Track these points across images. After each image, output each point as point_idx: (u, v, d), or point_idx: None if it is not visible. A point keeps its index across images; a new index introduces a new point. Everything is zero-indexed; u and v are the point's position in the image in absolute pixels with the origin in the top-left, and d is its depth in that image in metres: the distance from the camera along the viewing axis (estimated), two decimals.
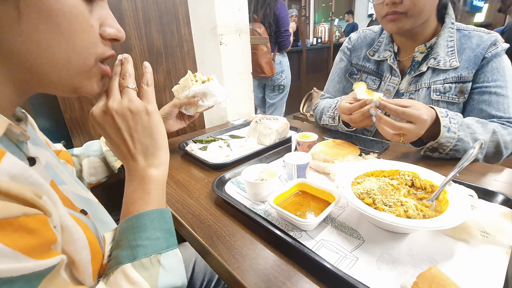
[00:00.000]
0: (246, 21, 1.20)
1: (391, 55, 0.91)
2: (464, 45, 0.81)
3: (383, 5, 0.78)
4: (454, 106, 0.82)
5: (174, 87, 0.84)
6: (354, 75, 1.03)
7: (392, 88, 0.92)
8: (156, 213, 0.39)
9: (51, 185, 0.40)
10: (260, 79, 2.46)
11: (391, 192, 0.49)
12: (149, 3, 0.93)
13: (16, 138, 0.34)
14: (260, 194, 0.59)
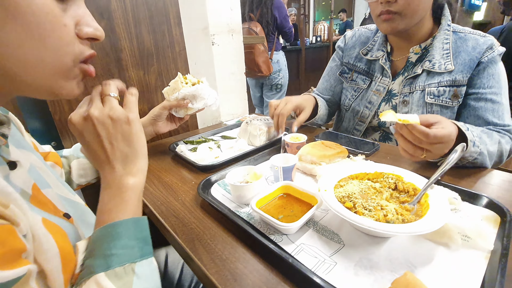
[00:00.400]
0: (238, 20, 1.19)
1: (384, 55, 0.91)
2: (459, 48, 0.80)
3: (378, 4, 0.77)
4: (448, 110, 0.82)
5: (165, 89, 0.84)
6: (345, 74, 1.03)
7: (382, 88, 0.91)
8: (132, 222, 0.39)
9: (33, 188, 0.40)
10: (258, 78, 2.46)
11: (373, 196, 0.49)
12: (139, 3, 0.93)
13: None
14: (244, 196, 0.58)
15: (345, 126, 1.04)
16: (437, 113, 0.83)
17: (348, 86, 1.02)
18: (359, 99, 0.97)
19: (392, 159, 0.77)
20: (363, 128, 0.97)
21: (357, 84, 0.98)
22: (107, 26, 0.88)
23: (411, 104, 0.86)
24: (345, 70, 1.03)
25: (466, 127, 0.64)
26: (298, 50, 4.26)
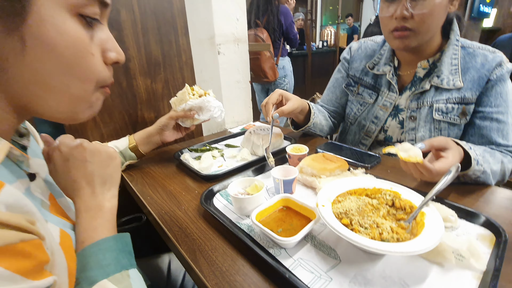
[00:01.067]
0: (244, 30, 1.22)
1: (391, 70, 0.89)
2: (468, 64, 0.79)
3: (391, 19, 0.76)
4: (455, 127, 0.82)
5: (172, 99, 0.87)
6: (351, 86, 1.02)
7: (389, 103, 0.91)
8: (119, 237, 0.43)
9: (49, 199, 0.43)
10: (264, 83, 2.49)
11: (369, 213, 0.50)
12: (147, 14, 0.96)
13: (17, 159, 0.36)
14: (245, 208, 0.60)
15: (351, 139, 1.04)
16: (445, 130, 0.82)
17: (353, 99, 1.01)
18: (365, 113, 0.97)
19: (392, 173, 0.78)
20: (369, 142, 0.97)
21: (363, 99, 0.97)
22: (116, 37, 0.92)
23: (418, 120, 0.85)
24: (350, 83, 1.02)
25: (469, 146, 0.64)
26: (304, 55, 4.27)
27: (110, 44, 0.38)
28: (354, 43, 1.06)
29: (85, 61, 0.35)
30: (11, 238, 0.26)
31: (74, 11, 0.32)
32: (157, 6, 0.96)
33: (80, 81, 0.35)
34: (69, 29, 0.32)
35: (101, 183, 0.47)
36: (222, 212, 0.63)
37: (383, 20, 0.80)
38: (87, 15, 0.34)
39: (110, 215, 0.46)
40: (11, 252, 0.25)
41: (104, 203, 0.46)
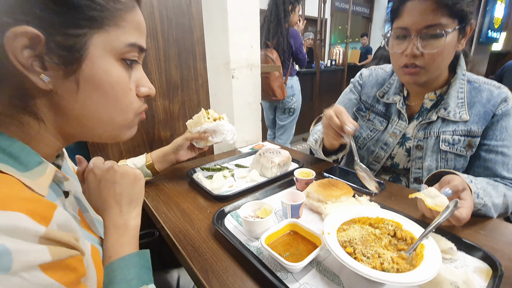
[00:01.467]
0: (257, 56, 1.29)
1: (401, 99, 0.93)
2: (474, 98, 0.82)
3: (402, 55, 0.78)
4: (461, 158, 0.84)
5: (188, 121, 0.93)
6: (362, 111, 1.04)
7: (398, 131, 0.93)
8: (142, 254, 0.48)
9: (79, 214, 0.48)
10: (272, 101, 2.56)
11: (372, 243, 0.54)
12: (170, 42, 1.05)
13: (58, 180, 0.42)
14: (254, 231, 0.64)
15: None
16: (451, 160, 0.85)
17: (363, 124, 1.03)
18: (375, 139, 0.99)
19: (396, 200, 0.81)
20: (378, 168, 1.00)
21: (373, 125, 1.00)
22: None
23: (425, 150, 0.88)
24: (362, 108, 1.04)
25: (470, 179, 0.67)
26: (313, 73, 4.37)
27: (143, 81, 0.45)
28: (365, 69, 1.08)
29: (125, 96, 0.41)
30: (62, 254, 0.31)
31: (119, 57, 0.39)
32: (179, 35, 1.05)
33: (122, 112, 0.42)
34: (114, 71, 0.39)
35: (128, 203, 0.52)
36: (233, 233, 0.67)
37: (393, 56, 0.83)
38: (128, 59, 0.40)
39: (134, 232, 0.51)
40: (61, 266, 0.30)
41: (130, 221, 0.51)
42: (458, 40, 0.76)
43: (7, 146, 0.34)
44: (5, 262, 0.26)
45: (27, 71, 0.32)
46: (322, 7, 4.20)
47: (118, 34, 0.37)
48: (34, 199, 0.31)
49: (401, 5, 0.76)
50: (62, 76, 0.35)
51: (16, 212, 0.28)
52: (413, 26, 0.74)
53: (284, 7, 2.21)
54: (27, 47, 0.31)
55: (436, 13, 0.70)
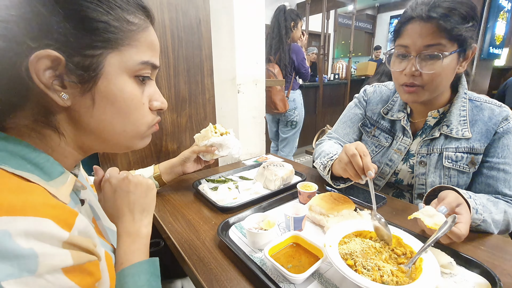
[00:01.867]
0: (262, 72, 1.34)
1: (405, 116, 0.94)
2: (476, 116, 0.84)
3: (402, 74, 0.81)
4: (464, 175, 0.85)
5: (196, 135, 0.97)
6: (367, 127, 1.05)
7: (403, 148, 0.94)
8: (152, 262, 0.50)
9: (93, 221, 0.51)
10: (274, 114, 2.60)
11: (372, 256, 0.55)
12: (180, 59, 1.10)
13: (77, 188, 0.45)
14: (258, 242, 0.66)
15: None
16: (454, 177, 0.86)
17: (368, 140, 1.04)
18: (380, 155, 1.00)
19: (397, 215, 0.82)
20: (383, 183, 1.01)
21: (379, 141, 1.01)
22: None
23: (428, 166, 0.89)
24: (367, 124, 1.06)
25: (468, 195, 0.69)
26: (316, 86, 4.44)
27: (156, 96, 0.48)
28: (368, 86, 1.10)
29: (138, 111, 0.44)
30: (82, 259, 0.33)
31: (132, 74, 0.42)
32: (188, 52, 1.10)
33: (135, 126, 0.45)
34: (128, 88, 0.42)
35: (140, 211, 0.55)
36: (237, 244, 0.68)
37: (394, 74, 0.85)
38: (141, 75, 0.43)
39: (145, 240, 0.54)
40: (81, 270, 0.33)
41: (142, 229, 0.54)
42: (458, 63, 0.78)
43: (34, 157, 0.37)
44: (32, 265, 0.28)
45: (49, 90, 0.35)
46: (325, 23, 4.32)
47: (132, 53, 0.40)
48: (59, 206, 0.33)
49: (403, 26, 0.80)
50: (79, 93, 0.38)
51: (45, 218, 0.30)
52: (413, 46, 0.77)
53: (286, 24, 2.30)
54: (49, 68, 0.35)
55: (435, 35, 0.73)
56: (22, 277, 0.27)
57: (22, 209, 0.29)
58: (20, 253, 0.27)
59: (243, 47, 1.20)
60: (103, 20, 0.37)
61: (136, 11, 0.41)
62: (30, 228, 0.29)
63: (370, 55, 8.07)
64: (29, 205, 0.30)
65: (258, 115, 1.37)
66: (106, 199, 0.54)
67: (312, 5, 4.28)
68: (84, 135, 0.42)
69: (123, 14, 0.39)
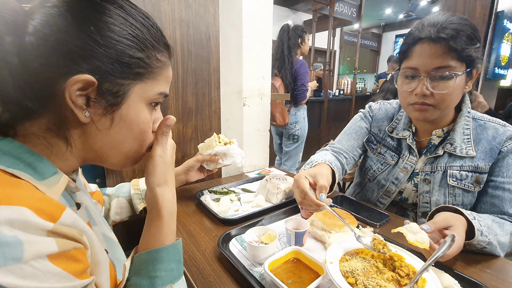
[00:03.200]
0: (268, 86, 1.37)
1: (410, 135, 0.93)
2: (480, 135, 0.84)
3: (411, 94, 0.80)
4: (469, 194, 0.84)
5: (200, 144, 0.98)
6: (373, 144, 1.04)
7: (409, 167, 0.93)
8: (172, 247, 0.48)
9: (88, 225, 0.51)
10: (276, 126, 2.60)
11: (374, 275, 0.55)
12: (188, 72, 1.13)
13: (70, 190, 0.46)
14: (258, 256, 0.66)
15: (368, 196, 1.05)
16: (459, 196, 0.85)
17: (373, 157, 1.03)
18: (386, 173, 0.99)
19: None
20: (388, 202, 0.99)
21: (384, 159, 0.99)
22: None
23: (432, 184, 0.88)
24: (372, 140, 1.04)
25: (473, 216, 0.68)
26: (321, 101, 4.49)
27: (159, 119, 0.50)
28: (373, 103, 1.09)
29: (146, 133, 0.47)
30: (68, 246, 0.33)
31: (148, 101, 0.45)
32: (197, 66, 1.14)
33: (140, 146, 0.47)
34: (143, 113, 0.45)
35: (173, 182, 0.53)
36: (237, 257, 0.68)
37: (402, 94, 0.84)
38: (154, 102, 0.46)
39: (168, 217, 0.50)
40: (67, 256, 0.33)
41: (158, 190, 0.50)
42: (465, 83, 0.79)
43: (27, 158, 0.38)
44: (18, 252, 0.28)
45: (75, 107, 0.38)
46: (331, 40, 4.41)
47: (154, 85, 0.45)
48: (44, 199, 0.34)
49: (411, 47, 0.79)
50: (102, 113, 0.41)
51: (20, 206, 0.30)
52: (423, 68, 0.76)
53: (289, 44, 2.36)
54: (81, 89, 0.38)
55: (446, 56, 0.73)
56: (8, 265, 0.28)
57: (6, 199, 0.30)
58: (5, 240, 0.28)
59: (250, 62, 1.24)
60: (137, 56, 0.41)
61: (163, 50, 0.45)
62: (13, 216, 0.29)
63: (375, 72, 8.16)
64: (14, 196, 0.31)
65: (262, 128, 1.39)
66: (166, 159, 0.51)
67: (318, 23, 4.40)
68: (90, 149, 0.44)
69: (154, 53, 0.43)
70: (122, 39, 0.40)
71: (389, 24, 7.95)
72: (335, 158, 0.98)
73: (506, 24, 3.25)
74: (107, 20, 0.39)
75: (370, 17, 7.13)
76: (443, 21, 0.75)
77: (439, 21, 0.75)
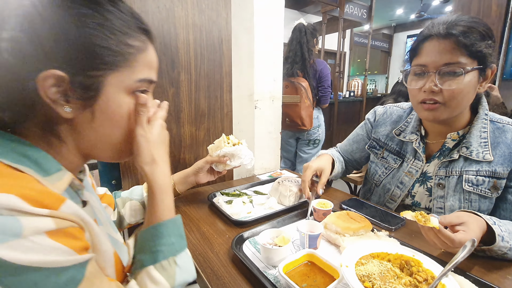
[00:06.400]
0: (279, 89, 1.38)
1: (417, 138, 0.91)
2: (498, 138, 0.81)
3: (421, 91, 0.78)
4: (486, 200, 0.81)
5: (209, 146, 0.99)
6: (376, 149, 1.04)
7: (414, 171, 0.92)
8: (170, 222, 0.50)
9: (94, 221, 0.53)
10: (296, 131, 2.46)
11: (391, 279, 0.54)
12: (201, 76, 1.15)
13: (76, 187, 0.47)
14: (272, 259, 0.66)
15: (375, 200, 1.05)
16: (475, 202, 0.82)
17: (378, 162, 1.04)
18: (390, 177, 0.99)
19: (417, 237, 0.79)
20: (394, 206, 0.98)
21: (387, 163, 1.00)
22: (175, 92, 1.10)
23: (447, 189, 0.85)
24: (375, 146, 1.05)
25: (492, 221, 0.65)
26: (331, 103, 4.45)
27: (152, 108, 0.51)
28: (379, 107, 1.10)
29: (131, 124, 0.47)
30: (64, 224, 0.35)
31: (130, 91, 0.45)
32: (209, 69, 1.16)
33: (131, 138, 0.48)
34: (125, 104, 0.45)
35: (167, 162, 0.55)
36: (251, 259, 0.68)
37: (411, 91, 0.83)
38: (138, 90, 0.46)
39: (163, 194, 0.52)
40: (64, 233, 0.34)
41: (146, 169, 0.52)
42: (479, 82, 0.76)
43: (32, 154, 0.40)
44: (16, 229, 0.30)
45: (54, 104, 0.39)
46: (341, 42, 4.38)
47: (130, 73, 0.44)
48: (43, 191, 0.35)
49: (420, 44, 0.79)
50: (81, 108, 0.42)
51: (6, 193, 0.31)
52: (432, 64, 0.75)
53: (308, 46, 2.24)
54: (54, 85, 0.38)
55: (455, 52, 0.72)
56: (8, 241, 0.29)
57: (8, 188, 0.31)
58: (4, 220, 0.29)
59: (261, 65, 1.25)
60: (104, 45, 0.40)
61: (137, 34, 0.44)
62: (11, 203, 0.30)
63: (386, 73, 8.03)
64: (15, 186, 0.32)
65: (273, 130, 1.39)
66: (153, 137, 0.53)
67: (328, 25, 4.38)
68: (83, 144, 0.45)
69: (123, 38, 0.42)
70: (85, 29, 0.38)
71: (401, 24, 7.82)
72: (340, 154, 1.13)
73: None
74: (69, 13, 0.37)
75: (380, 17, 7.04)
76: (454, 19, 0.74)
77: (450, 19, 0.75)
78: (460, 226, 0.62)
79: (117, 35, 0.41)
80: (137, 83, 0.45)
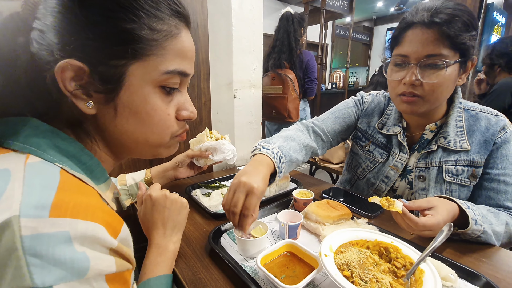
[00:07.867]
0: (259, 77, 1.33)
1: (401, 131, 0.89)
2: (473, 126, 0.81)
3: (400, 83, 0.76)
4: (465, 189, 0.82)
5: (191, 140, 0.95)
6: (361, 141, 1.00)
7: (400, 164, 0.90)
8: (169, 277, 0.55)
9: None
10: (282, 123, 2.43)
11: (370, 267, 0.53)
12: None
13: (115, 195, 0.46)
14: (248, 251, 0.63)
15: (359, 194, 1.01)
16: (455, 191, 0.83)
17: (362, 154, 0.99)
18: (375, 171, 0.96)
19: (395, 224, 0.78)
20: (383, 194, 0.96)
21: (373, 157, 0.96)
22: None
23: (428, 180, 0.85)
24: (360, 137, 1.00)
25: (466, 205, 0.66)
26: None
27: (186, 105, 0.45)
28: (366, 95, 1.03)
29: (162, 122, 0.42)
30: (123, 267, 0.33)
31: (157, 84, 0.39)
32: None
33: (158, 136, 0.43)
34: (151, 99, 0.39)
35: (172, 227, 0.61)
36: (228, 252, 0.65)
37: (391, 83, 0.80)
38: (168, 86, 0.40)
39: (172, 255, 0.58)
40: (119, 277, 0.33)
41: (170, 244, 0.59)
42: (458, 75, 0.75)
43: (86, 160, 0.38)
44: (83, 269, 0.28)
45: (75, 98, 0.35)
46: (323, 34, 4.38)
47: (157, 63, 0.38)
48: (111, 213, 0.33)
49: (402, 32, 0.75)
50: (103, 102, 0.37)
51: (98, 224, 0.30)
52: (413, 55, 0.72)
53: (295, 35, 2.19)
54: (74, 77, 0.34)
55: (438, 43, 0.69)
56: (72, 281, 0.27)
57: (84, 212, 0.30)
58: (76, 257, 0.27)
59: (240, 52, 1.20)
60: (126, 29, 0.35)
61: (167, 17, 0.38)
62: (88, 233, 0.29)
63: (367, 66, 8.18)
64: (90, 209, 0.31)
65: (254, 120, 1.36)
66: (145, 212, 0.61)
67: (310, 16, 4.35)
68: (110, 142, 0.42)
69: (148, 22, 0.36)
70: (105, 11, 0.33)
71: (381, 17, 7.95)
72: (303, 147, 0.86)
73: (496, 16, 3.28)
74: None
75: (362, 10, 7.10)
76: (438, 6, 0.71)
77: (434, 6, 0.71)
78: (429, 211, 0.62)
79: (142, 18, 0.35)
80: (164, 75, 0.39)
